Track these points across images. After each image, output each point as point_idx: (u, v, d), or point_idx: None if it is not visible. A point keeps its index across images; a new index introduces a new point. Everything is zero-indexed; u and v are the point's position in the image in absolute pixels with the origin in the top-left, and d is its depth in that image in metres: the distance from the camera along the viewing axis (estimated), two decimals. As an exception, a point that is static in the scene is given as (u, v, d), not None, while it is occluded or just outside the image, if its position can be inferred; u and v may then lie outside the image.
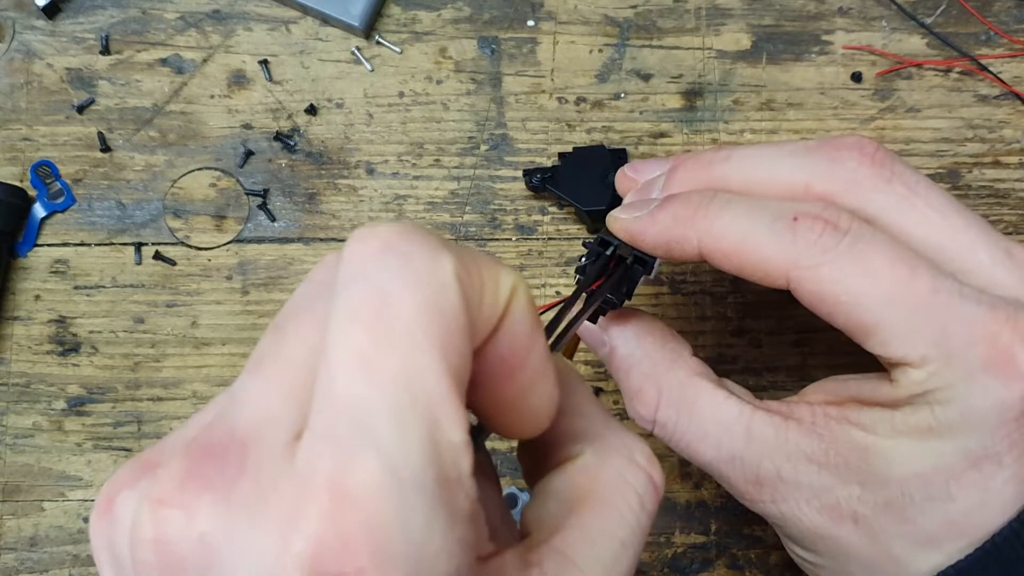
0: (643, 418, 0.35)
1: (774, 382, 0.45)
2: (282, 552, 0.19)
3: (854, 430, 0.31)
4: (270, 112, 0.47)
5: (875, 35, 0.47)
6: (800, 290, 0.31)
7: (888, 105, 0.47)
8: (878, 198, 0.32)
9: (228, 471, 0.20)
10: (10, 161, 0.46)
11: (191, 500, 0.19)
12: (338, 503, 0.18)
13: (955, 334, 0.30)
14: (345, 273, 0.20)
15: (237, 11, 0.47)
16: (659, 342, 0.35)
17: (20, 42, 0.47)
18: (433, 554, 0.19)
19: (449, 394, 0.19)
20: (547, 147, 0.46)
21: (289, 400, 0.21)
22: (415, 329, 0.19)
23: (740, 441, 0.33)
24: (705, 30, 0.47)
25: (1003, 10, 0.47)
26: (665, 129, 0.47)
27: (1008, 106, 0.47)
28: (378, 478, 0.18)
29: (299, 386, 0.21)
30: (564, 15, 0.47)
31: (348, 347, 0.19)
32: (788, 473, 0.32)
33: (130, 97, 0.47)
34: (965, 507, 0.30)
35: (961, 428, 0.30)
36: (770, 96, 0.47)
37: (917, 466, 0.30)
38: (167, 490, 0.20)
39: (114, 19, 0.47)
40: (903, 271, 0.30)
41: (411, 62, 0.47)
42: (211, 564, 0.19)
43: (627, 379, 0.35)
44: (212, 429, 0.21)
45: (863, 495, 0.31)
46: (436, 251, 0.20)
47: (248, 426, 0.20)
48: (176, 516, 0.19)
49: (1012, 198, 0.46)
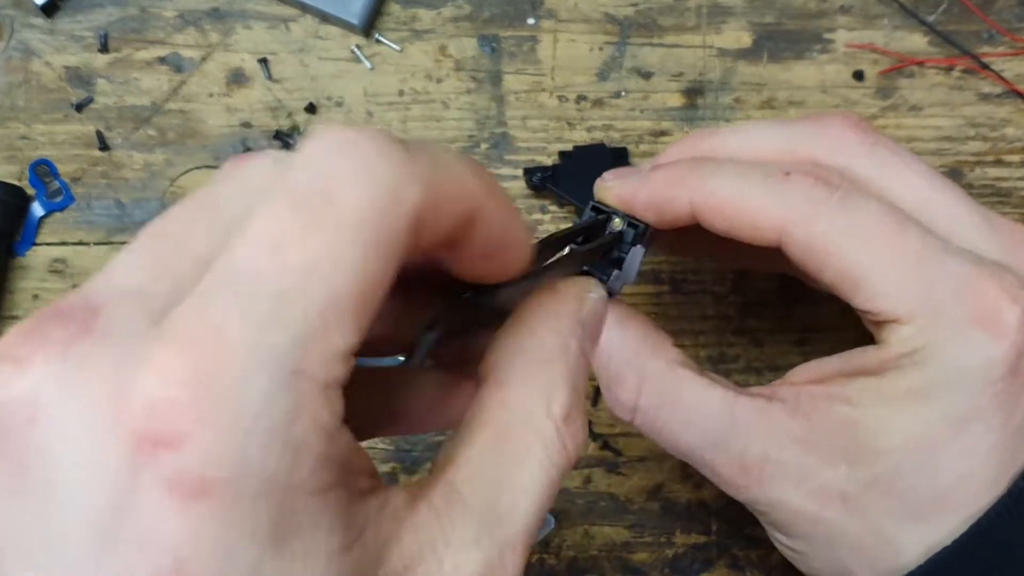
0: (623, 405, 0.34)
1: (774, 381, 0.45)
2: (109, 409, 0.18)
3: (839, 405, 0.31)
4: (269, 110, 0.46)
5: (877, 33, 0.47)
6: (791, 244, 0.31)
7: (890, 103, 0.47)
8: (862, 161, 0.33)
9: (71, 328, 0.19)
10: (8, 160, 0.46)
11: (25, 355, 0.19)
12: (179, 360, 0.17)
13: (942, 289, 0.30)
14: (297, 162, 0.19)
15: (236, 9, 0.47)
16: (641, 332, 0.35)
17: (18, 40, 0.47)
18: (266, 444, 0.18)
19: (353, 306, 0.19)
20: (547, 146, 0.46)
21: (161, 279, 0.20)
22: (347, 230, 0.19)
23: (724, 426, 0.32)
24: (706, 28, 0.47)
25: (1005, 8, 0.47)
26: (666, 127, 0.46)
27: (1010, 104, 0.47)
28: (235, 346, 0.18)
29: (176, 270, 0.20)
30: (564, 13, 0.47)
31: (268, 226, 0.19)
32: (774, 455, 0.32)
33: (129, 95, 0.47)
34: (952, 478, 0.30)
35: (947, 387, 0.30)
36: (771, 94, 0.47)
37: (904, 435, 0.30)
38: (4, 346, 0.19)
39: (113, 17, 0.47)
40: (892, 226, 0.30)
41: (411, 60, 0.47)
42: (35, 419, 0.18)
43: (607, 366, 0.35)
44: (68, 296, 0.20)
45: (850, 473, 0.31)
46: (404, 170, 0.19)
47: (106, 293, 0.20)
48: (4, 370, 0.19)
49: (1014, 197, 0.46)
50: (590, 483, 0.45)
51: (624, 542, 0.45)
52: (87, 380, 0.18)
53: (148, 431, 0.17)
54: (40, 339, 0.19)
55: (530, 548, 0.22)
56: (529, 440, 0.23)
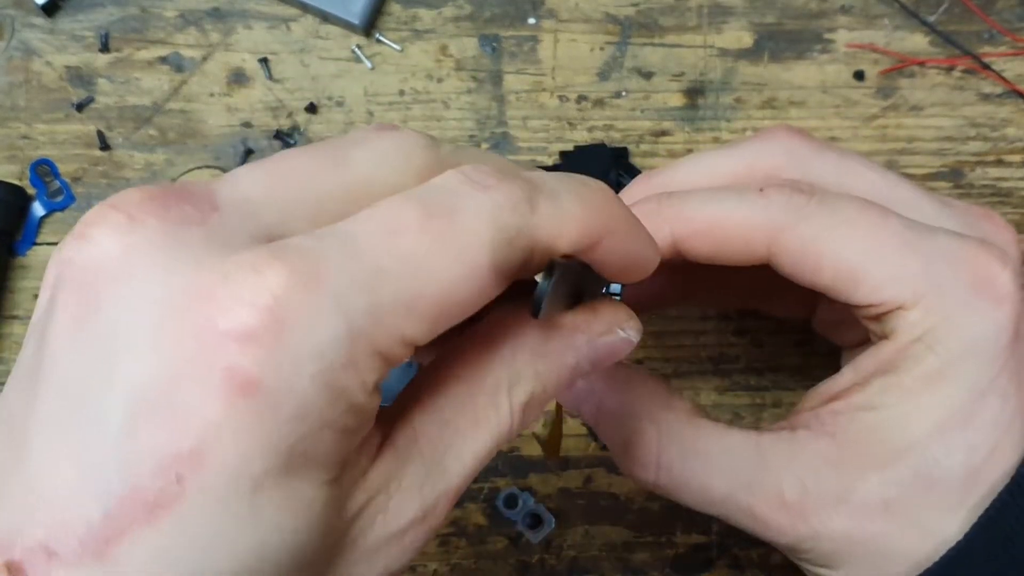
0: (643, 464, 0.33)
1: (776, 381, 0.45)
2: (198, 291, 0.20)
3: (861, 414, 0.31)
4: (270, 110, 0.46)
5: (877, 33, 0.47)
6: (782, 254, 0.31)
7: (890, 103, 0.47)
8: (816, 164, 0.33)
9: (188, 211, 0.21)
10: (9, 160, 0.46)
11: (140, 214, 0.21)
12: (278, 277, 0.19)
13: (938, 264, 0.30)
14: (440, 179, 0.22)
15: (237, 9, 0.47)
16: (650, 387, 0.34)
17: (19, 40, 0.47)
18: (317, 377, 0.20)
19: (432, 311, 0.21)
20: (548, 145, 0.46)
21: (277, 205, 0.22)
22: (456, 250, 0.21)
23: (753, 465, 0.32)
24: (707, 28, 0.47)
25: (1006, 8, 0.47)
26: (667, 127, 0.46)
27: (1011, 105, 0.47)
28: (327, 289, 0.20)
29: (292, 203, 0.22)
30: (565, 13, 0.47)
31: (394, 213, 0.21)
32: (811, 484, 0.31)
33: (129, 95, 0.47)
34: (984, 453, 0.30)
35: (964, 362, 0.30)
36: (772, 94, 0.47)
37: (931, 422, 0.30)
38: (123, 200, 0.21)
39: (113, 17, 0.47)
40: (875, 216, 0.30)
41: (412, 60, 0.47)
42: (126, 275, 0.20)
43: (620, 428, 0.33)
44: (195, 183, 0.22)
45: (886, 477, 0.30)
46: (524, 222, 0.22)
47: (228, 196, 0.22)
48: (117, 219, 0.21)
49: (1015, 197, 0.46)
50: (591, 483, 0.45)
51: (624, 542, 0.45)
52: (187, 260, 0.20)
53: (227, 323, 0.19)
54: (160, 207, 0.21)
55: (457, 500, 0.25)
56: (489, 412, 0.25)
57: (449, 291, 0.21)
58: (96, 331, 0.20)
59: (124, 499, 0.19)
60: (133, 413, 0.19)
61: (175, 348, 0.19)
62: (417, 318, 0.21)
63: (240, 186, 0.22)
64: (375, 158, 0.24)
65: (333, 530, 0.21)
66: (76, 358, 0.20)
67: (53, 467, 0.19)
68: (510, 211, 0.22)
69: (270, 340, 0.19)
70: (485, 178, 0.22)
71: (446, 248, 0.21)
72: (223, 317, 0.19)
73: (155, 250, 0.20)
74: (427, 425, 0.24)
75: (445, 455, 0.24)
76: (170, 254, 0.20)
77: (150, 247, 0.20)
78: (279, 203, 0.22)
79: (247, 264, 0.20)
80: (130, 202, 0.21)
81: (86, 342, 0.20)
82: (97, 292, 0.20)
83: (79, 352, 0.20)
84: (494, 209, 0.22)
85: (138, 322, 0.20)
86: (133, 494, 0.19)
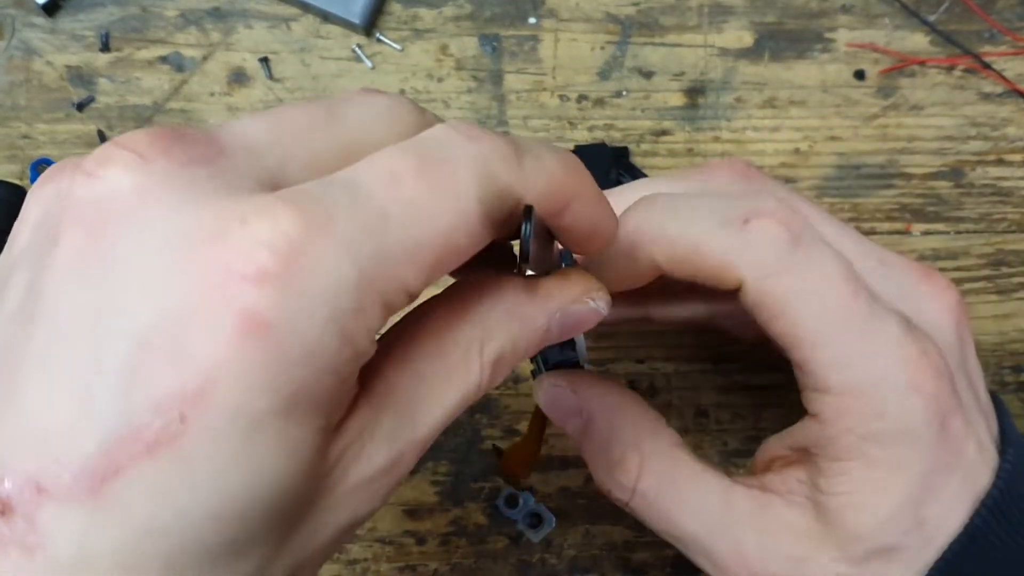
0: (623, 487, 0.34)
1: (776, 381, 0.45)
2: (210, 231, 0.20)
3: (821, 496, 0.31)
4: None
5: (878, 33, 0.47)
6: (748, 295, 0.31)
7: (891, 103, 0.47)
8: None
9: (194, 153, 0.21)
10: (9, 159, 0.46)
11: (149, 153, 0.21)
12: (293, 221, 0.20)
13: (884, 357, 0.30)
14: (432, 132, 0.23)
15: (237, 8, 0.47)
16: (639, 412, 0.34)
17: (20, 39, 0.47)
18: (326, 321, 0.20)
19: (432, 258, 0.22)
20: (548, 145, 0.46)
21: (277, 151, 0.23)
22: (452, 198, 0.22)
23: (721, 513, 0.32)
24: (707, 27, 0.47)
25: (1006, 8, 0.47)
26: (667, 127, 0.46)
27: (1011, 104, 0.47)
28: (338, 234, 0.20)
29: (291, 151, 0.23)
30: (566, 12, 0.47)
31: (395, 161, 0.22)
32: (770, 545, 0.32)
33: (130, 95, 0.47)
34: (936, 522, 0.30)
35: (905, 449, 0.30)
36: (772, 94, 0.47)
37: (887, 508, 0.30)
38: (130, 139, 0.21)
39: (114, 17, 0.47)
40: (848, 290, 0.30)
41: (412, 60, 0.47)
42: (134, 211, 0.20)
43: (606, 449, 0.34)
44: (200, 128, 0.23)
45: (843, 555, 0.31)
46: (513, 175, 0.23)
47: (231, 140, 0.22)
48: (124, 157, 0.21)
49: (1015, 196, 0.46)
50: (591, 482, 0.45)
51: (625, 541, 0.45)
52: (198, 200, 0.20)
53: (241, 262, 0.19)
54: (169, 147, 0.21)
55: (424, 452, 0.25)
56: (460, 367, 0.25)
57: (446, 238, 0.22)
58: (104, 268, 0.20)
59: (123, 436, 0.19)
60: (139, 351, 0.19)
61: (188, 287, 0.19)
62: (418, 265, 0.21)
63: (241, 133, 0.23)
64: (368, 115, 0.25)
65: (317, 475, 0.22)
66: (80, 294, 0.20)
67: (48, 402, 0.19)
68: (498, 161, 0.23)
69: (285, 283, 0.19)
70: (473, 130, 0.23)
71: (442, 194, 0.22)
72: (240, 258, 0.19)
73: (166, 189, 0.20)
74: (400, 377, 0.24)
75: (416, 407, 0.24)
76: (181, 194, 0.20)
77: (161, 186, 0.20)
78: (279, 151, 0.23)
79: (263, 208, 0.20)
80: (139, 141, 0.21)
81: (92, 278, 0.20)
82: (106, 228, 0.20)
83: (84, 288, 0.20)
84: (483, 158, 0.23)
85: (149, 260, 0.20)
86: (133, 432, 0.19)
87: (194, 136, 0.22)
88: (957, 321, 0.33)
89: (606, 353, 0.46)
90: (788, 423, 0.33)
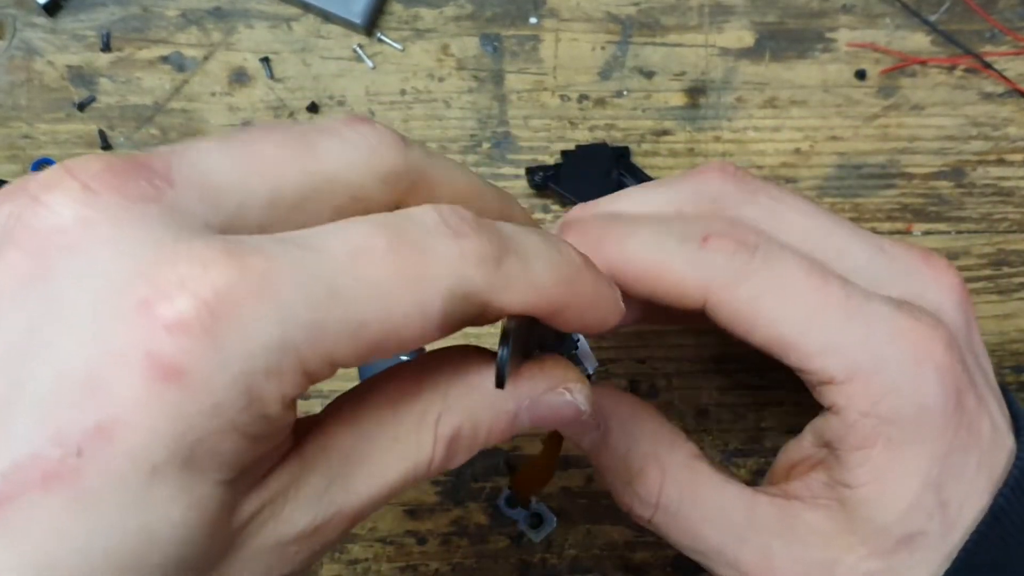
0: (644, 501, 0.33)
1: (777, 381, 0.45)
2: (144, 272, 0.20)
3: (846, 491, 0.31)
4: (271, 110, 0.46)
5: (879, 32, 0.47)
6: (718, 310, 0.30)
7: (892, 103, 0.47)
8: (747, 210, 0.33)
9: (144, 187, 0.21)
10: (10, 159, 0.46)
11: (98, 187, 0.21)
12: (229, 273, 0.19)
13: (878, 337, 0.29)
14: (417, 212, 0.22)
15: (238, 8, 0.47)
16: (656, 424, 0.34)
17: (21, 39, 0.47)
18: (237, 380, 0.20)
19: (371, 340, 0.21)
20: (550, 145, 0.46)
21: (237, 189, 0.22)
22: (415, 291, 0.21)
23: (744, 523, 0.32)
24: (708, 27, 0.47)
25: (1008, 7, 0.47)
26: (668, 127, 0.46)
27: (1012, 104, 0.47)
28: (276, 298, 0.20)
29: (253, 190, 0.22)
30: (566, 12, 0.47)
31: (362, 236, 0.21)
32: (799, 552, 0.31)
33: (131, 95, 0.47)
34: (958, 504, 0.30)
35: (922, 428, 0.30)
36: (773, 94, 0.47)
37: (910, 492, 0.30)
38: (82, 166, 0.21)
39: (115, 16, 0.47)
40: (816, 281, 0.30)
41: (413, 59, 0.47)
42: (75, 247, 0.20)
43: (624, 462, 0.33)
44: (153, 153, 0.22)
45: (872, 550, 0.31)
46: (491, 284, 0.22)
47: (188, 171, 0.22)
48: (73, 188, 0.21)
49: (1016, 196, 0.46)
50: (592, 482, 0.45)
51: (626, 541, 0.45)
52: (139, 239, 0.20)
53: (163, 307, 0.19)
54: (118, 180, 0.21)
55: (356, 525, 0.24)
56: (411, 437, 0.24)
57: (395, 328, 0.21)
58: (39, 297, 0.20)
59: (22, 463, 0.19)
60: (57, 381, 0.19)
61: (109, 326, 0.19)
62: (355, 345, 0.21)
63: (201, 163, 0.22)
64: (342, 152, 0.24)
65: (221, 530, 0.21)
66: (14, 315, 0.20)
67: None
68: (475, 265, 0.22)
69: (201, 333, 0.19)
70: (461, 224, 0.22)
71: (406, 285, 0.21)
72: (160, 302, 0.19)
73: (110, 225, 0.20)
74: (342, 436, 0.23)
75: (353, 471, 0.23)
76: (123, 231, 0.20)
77: (104, 221, 0.20)
78: (240, 189, 0.22)
79: (196, 254, 0.20)
80: (88, 171, 0.21)
81: (27, 306, 0.20)
82: (46, 257, 0.20)
83: (17, 313, 0.20)
84: (460, 259, 0.22)
85: (81, 296, 0.20)
86: (32, 460, 0.19)
87: (147, 167, 0.21)
88: (960, 301, 0.33)
89: (607, 353, 0.46)
90: (789, 423, 0.33)
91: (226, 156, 0.23)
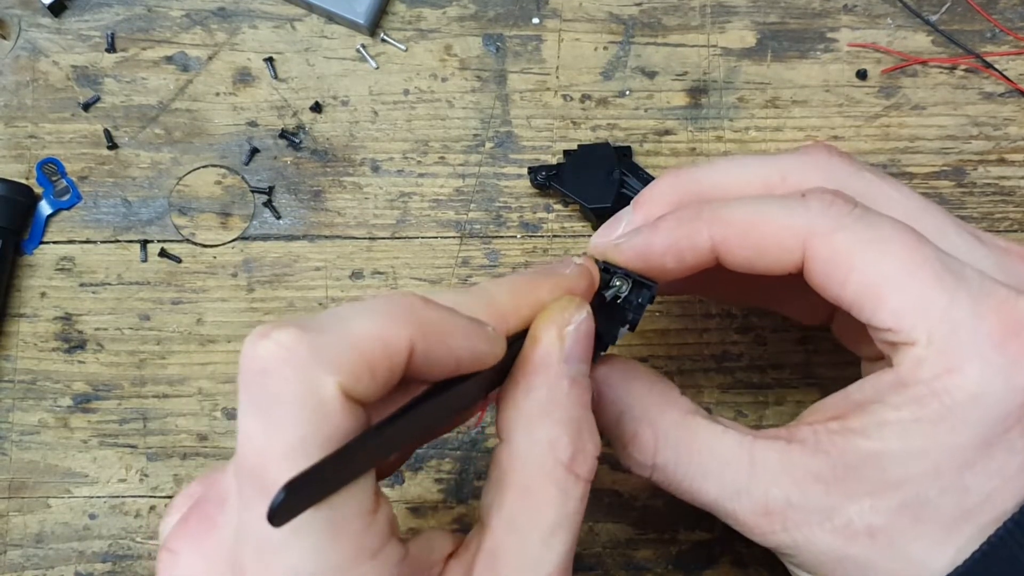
0: (640, 464, 0.33)
1: (778, 379, 0.45)
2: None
3: (860, 440, 0.30)
4: (275, 110, 0.47)
5: (880, 32, 0.47)
6: (814, 260, 0.31)
7: (893, 102, 0.47)
8: (852, 183, 0.33)
9: (204, 524, 0.27)
10: (16, 159, 0.46)
11: (177, 548, 0.27)
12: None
13: (961, 309, 0.29)
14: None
15: (242, 9, 0.47)
16: (647, 384, 0.34)
17: (26, 40, 0.47)
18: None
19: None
20: (552, 144, 0.46)
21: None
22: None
23: (744, 472, 0.32)
24: (710, 27, 0.47)
25: (1008, 7, 0.47)
26: (670, 127, 0.47)
27: (1013, 103, 0.47)
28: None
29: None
30: (569, 12, 0.47)
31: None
32: (797, 498, 0.31)
33: (136, 95, 0.47)
34: (979, 498, 0.30)
35: (971, 412, 0.29)
36: (775, 93, 0.47)
37: (929, 463, 0.29)
38: (169, 537, 0.28)
39: (120, 17, 0.47)
40: (912, 241, 0.30)
41: (416, 60, 0.47)
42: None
43: (618, 426, 0.34)
44: (208, 484, 0.28)
45: (875, 504, 0.30)
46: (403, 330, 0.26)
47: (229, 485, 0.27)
48: (166, 560, 0.27)
49: (1017, 195, 0.46)
50: (594, 480, 0.45)
51: (628, 539, 0.45)
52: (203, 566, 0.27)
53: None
54: (182, 533, 0.27)
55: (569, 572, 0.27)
56: (548, 489, 0.27)
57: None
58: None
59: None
60: None
61: None
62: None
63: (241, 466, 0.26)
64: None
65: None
66: None
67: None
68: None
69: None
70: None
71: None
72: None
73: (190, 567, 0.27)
74: (502, 541, 0.28)
75: (530, 552, 0.27)
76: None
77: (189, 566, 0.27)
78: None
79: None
80: (168, 536, 0.28)
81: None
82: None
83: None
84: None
85: None
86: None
87: (202, 502, 0.28)
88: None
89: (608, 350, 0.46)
90: (789, 422, 0.33)
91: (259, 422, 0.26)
